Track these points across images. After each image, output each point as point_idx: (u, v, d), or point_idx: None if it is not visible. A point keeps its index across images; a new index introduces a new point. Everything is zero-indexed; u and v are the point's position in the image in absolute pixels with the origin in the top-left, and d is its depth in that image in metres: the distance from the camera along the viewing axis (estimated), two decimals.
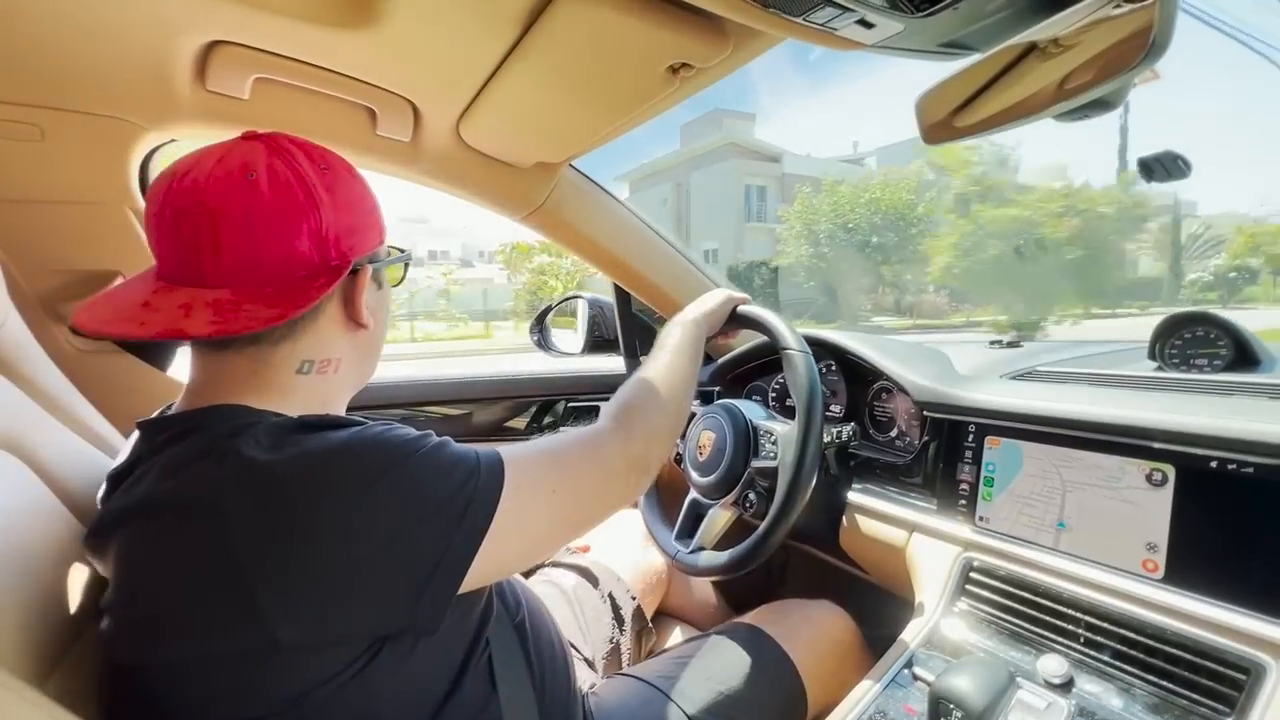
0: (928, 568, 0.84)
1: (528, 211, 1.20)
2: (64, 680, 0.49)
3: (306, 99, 0.91)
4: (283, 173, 0.50)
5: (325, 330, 0.55)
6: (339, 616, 0.44)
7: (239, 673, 0.43)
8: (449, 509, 0.47)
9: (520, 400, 1.40)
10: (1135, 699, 0.60)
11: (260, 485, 0.43)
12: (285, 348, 0.53)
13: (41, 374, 0.67)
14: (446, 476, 0.48)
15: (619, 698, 0.77)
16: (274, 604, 0.41)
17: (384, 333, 0.64)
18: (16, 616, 0.48)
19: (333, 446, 0.46)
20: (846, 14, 0.53)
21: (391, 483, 0.45)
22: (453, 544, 0.46)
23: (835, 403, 1.12)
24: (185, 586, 0.43)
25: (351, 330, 0.58)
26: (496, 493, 0.49)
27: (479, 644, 0.56)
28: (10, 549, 0.50)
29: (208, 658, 0.43)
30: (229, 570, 0.41)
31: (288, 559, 0.42)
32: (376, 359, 0.65)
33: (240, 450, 0.44)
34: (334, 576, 0.43)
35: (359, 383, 0.63)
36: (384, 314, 0.63)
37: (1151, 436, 0.66)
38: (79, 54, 0.79)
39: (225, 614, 0.42)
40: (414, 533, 0.45)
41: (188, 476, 0.45)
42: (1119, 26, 0.53)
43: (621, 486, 0.63)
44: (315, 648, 0.44)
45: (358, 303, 0.56)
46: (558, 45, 0.72)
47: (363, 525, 0.44)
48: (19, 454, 0.56)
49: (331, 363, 0.56)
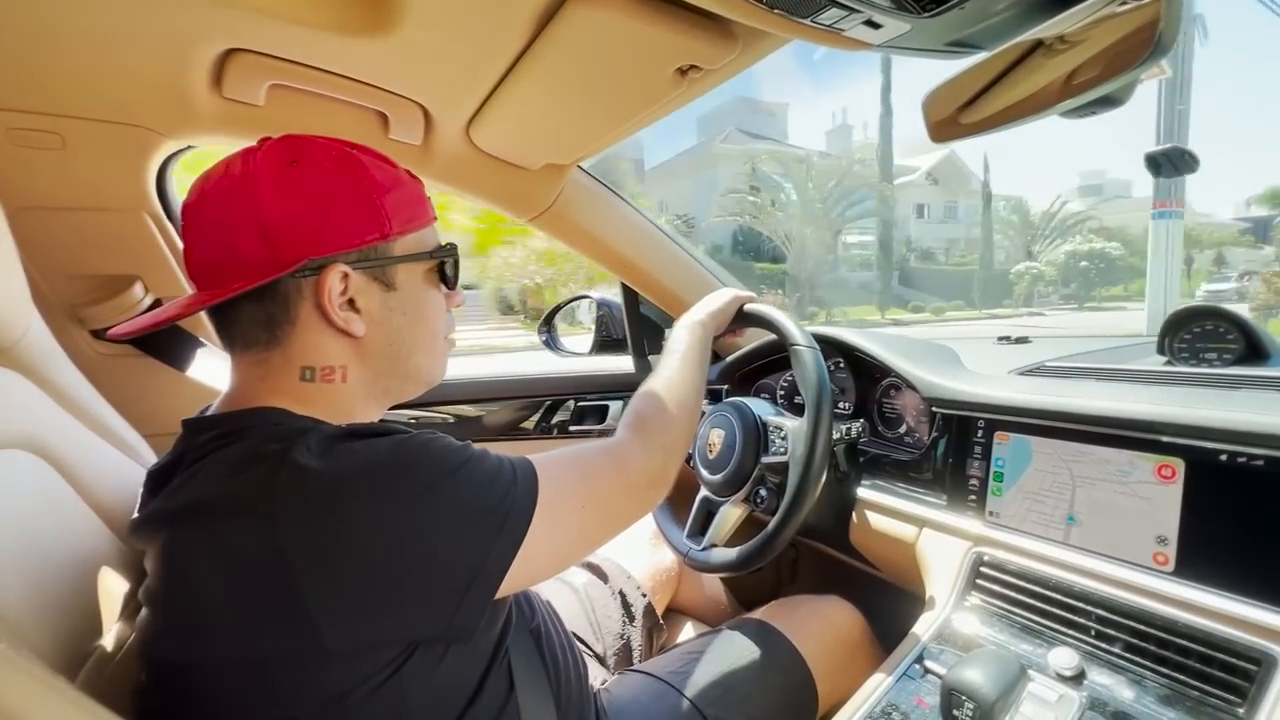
0: (938, 563, 0.85)
1: (537, 213, 1.21)
2: (92, 675, 0.51)
3: (320, 104, 0.92)
4: (237, 171, 0.51)
5: (311, 336, 0.53)
6: (383, 623, 0.45)
7: (281, 674, 0.44)
8: (490, 520, 0.48)
9: (530, 400, 1.41)
10: (1147, 691, 0.61)
11: (312, 492, 0.44)
12: (278, 354, 0.53)
13: (65, 378, 0.69)
14: (488, 488, 0.49)
15: (631, 694, 0.78)
16: (323, 610, 0.42)
17: (411, 341, 0.59)
18: (46, 614, 0.49)
19: (381, 456, 0.46)
20: (853, 15, 0.53)
21: (439, 494, 0.47)
22: (491, 554, 0.48)
23: (844, 400, 1.13)
24: (235, 588, 0.43)
25: (343, 336, 0.54)
26: (532, 505, 0.50)
27: (501, 648, 0.57)
28: (38, 549, 0.51)
29: (253, 659, 0.44)
30: (280, 575, 0.42)
31: (337, 566, 0.43)
32: (409, 369, 0.60)
33: (294, 457, 0.44)
34: (381, 584, 0.44)
35: (390, 394, 0.60)
36: (403, 319, 0.57)
37: (1161, 430, 0.66)
38: (99, 64, 0.81)
39: (274, 618, 0.43)
40: (457, 543, 0.46)
41: (242, 479, 0.45)
42: (1125, 22, 0.53)
43: (642, 500, 0.65)
44: (357, 653, 0.45)
45: (325, 304, 0.52)
46: (567, 49, 0.73)
47: (410, 534, 0.45)
48: (44, 456, 0.58)
49: (335, 371, 0.55)
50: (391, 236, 0.55)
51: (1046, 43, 0.60)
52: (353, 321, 0.54)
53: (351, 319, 0.54)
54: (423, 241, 0.59)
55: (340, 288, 0.53)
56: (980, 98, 0.68)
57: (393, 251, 0.56)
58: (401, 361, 0.59)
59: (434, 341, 0.62)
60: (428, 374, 0.62)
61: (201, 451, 0.49)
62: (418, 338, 0.59)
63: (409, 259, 0.57)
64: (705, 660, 0.82)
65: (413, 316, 0.58)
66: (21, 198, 0.88)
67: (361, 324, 0.55)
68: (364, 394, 0.58)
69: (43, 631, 0.48)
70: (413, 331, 0.59)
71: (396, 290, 0.57)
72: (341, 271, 0.52)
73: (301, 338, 0.53)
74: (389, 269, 0.56)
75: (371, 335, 0.56)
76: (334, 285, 0.52)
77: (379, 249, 0.55)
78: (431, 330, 0.61)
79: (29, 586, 0.48)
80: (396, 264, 0.56)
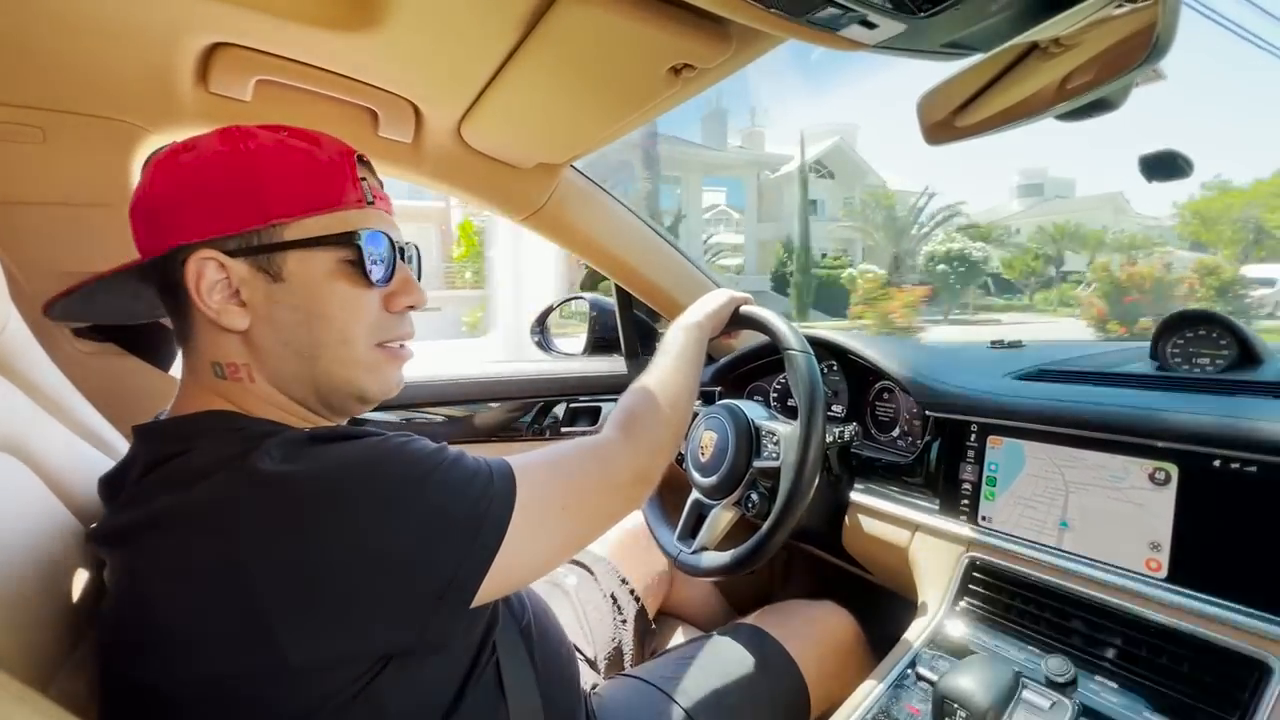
0: (930, 567, 0.84)
1: (529, 212, 1.20)
2: (66, 684, 0.49)
3: (308, 101, 0.91)
4: (152, 160, 0.52)
5: (205, 331, 0.51)
6: (350, 637, 0.43)
7: (244, 692, 0.42)
8: (464, 527, 0.46)
9: (522, 401, 1.40)
10: (1139, 699, 0.60)
11: (275, 501, 0.42)
12: (191, 350, 0.53)
13: (44, 376, 0.67)
14: (463, 492, 0.47)
15: (621, 698, 0.77)
16: (286, 625, 0.40)
17: (311, 342, 0.52)
18: (19, 619, 0.48)
19: (350, 461, 0.44)
20: (849, 14, 0.53)
21: (410, 501, 0.44)
22: (465, 562, 0.46)
23: (837, 403, 1.12)
24: (195, 605, 0.41)
25: (231, 331, 0.50)
26: (509, 511, 0.48)
27: (485, 651, 0.56)
28: (12, 552, 0.49)
29: (214, 677, 0.42)
30: (241, 589, 0.40)
31: (302, 579, 0.41)
32: (319, 377, 0.53)
33: (255, 463, 0.42)
34: (349, 597, 0.42)
35: (310, 402, 0.54)
36: (294, 315, 0.51)
37: (1155, 436, 0.66)
38: (81, 56, 0.79)
39: (235, 634, 0.41)
40: (429, 552, 0.44)
41: (199, 489, 0.43)
42: (1121, 26, 0.53)
43: (626, 499, 0.63)
44: (323, 667, 0.43)
45: (194, 296, 0.48)
46: (560, 47, 0.72)
47: (379, 545, 0.43)
48: (21, 456, 0.56)
49: (239, 369, 0.51)
50: (275, 220, 0.49)
51: (1043, 45, 0.60)
52: (227, 314, 0.49)
53: (227, 311, 0.49)
54: (329, 227, 0.51)
55: (218, 277, 0.48)
56: (976, 100, 0.68)
57: (281, 237, 0.50)
58: (304, 365, 0.52)
59: (345, 346, 0.53)
60: (349, 385, 0.54)
61: (151, 460, 0.47)
62: (319, 338, 0.52)
63: (299, 245, 0.50)
64: (697, 665, 0.82)
65: (308, 313, 0.51)
66: (1, 192, 0.86)
67: (243, 317, 0.50)
68: (280, 397, 0.53)
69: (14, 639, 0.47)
70: (310, 330, 0.51)
71: (285, 281, 0.50)
72: (212, 259, 0.48)
73: (198, 333, 0.51)
74: (275, 257, 0.50)
75: (258, 331, 0.50)
76: (207, 274, 0.48)
77: (262, 234, 0.49)
78: (340, 332, 0.52)
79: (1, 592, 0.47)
80: (284, 250, 0.50)
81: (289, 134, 0.52)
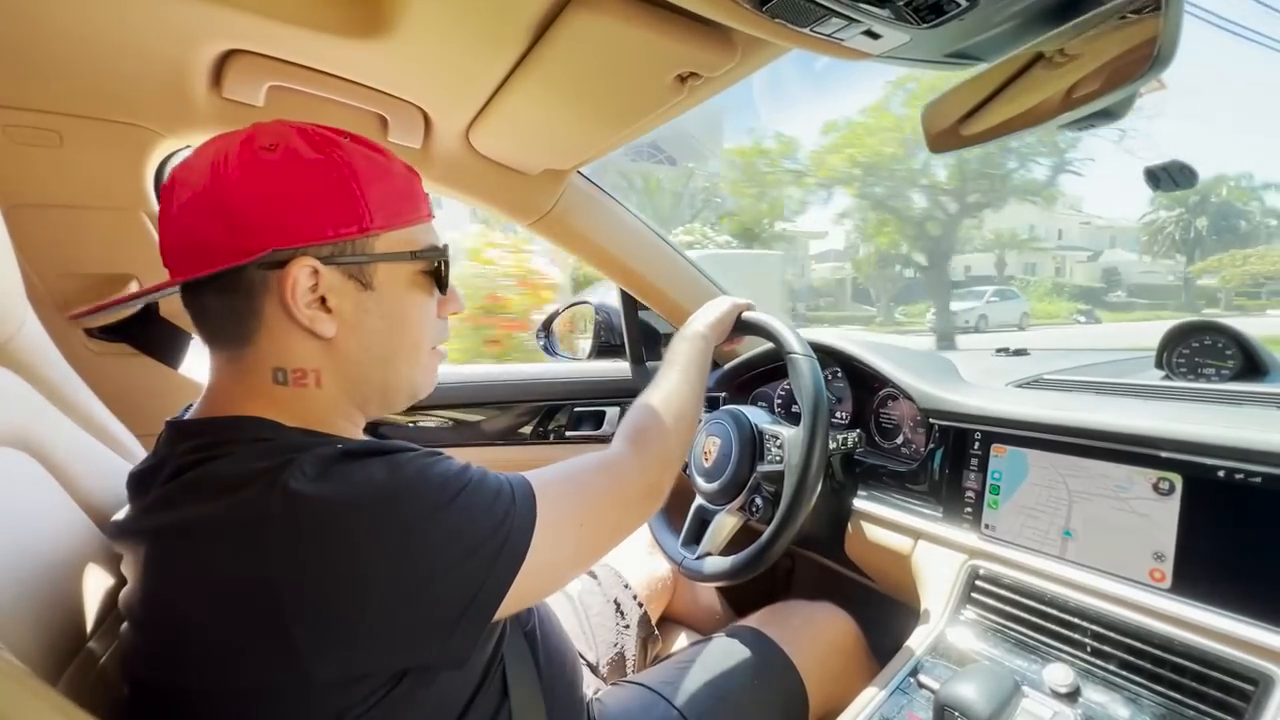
0: (933, 575, 0.84)
1: (536, 218, 1.21)
2: (76, 678, 0.50)
3: (319, 106, 0.92)
4: (211, 155, 0.47)
5: (280, 335, 0.50)
6: (372, 654, 0.43)
7: (262, 705, 0.43)
8: (488, 547, 0.46)
9: (528, 405, 1.41)
10: (1142, 709, 0.60)
11: (305, 521, 0.42)
12: (249, 353, 0.50)
13: (58, 376, 0.68)
14: (487, 514, 0.47)
15: (623, 705, 0.77)
16: (310, 641, 0.41)
17: (390, 348, 0.54)
18: (32, 614, 0.48)
19: (379, 482, 0.44)
20: (853, 25, 0.53)
21: (436, 523, 0.45)
22: (488, 581, 0.46)
23: (841, 409, 1.12)
24: (219, 616, 0.41)
25: (313, 337, 0.50)
26: (530, 531, 0.49)
27: (496, 660, 0.56)
28: (26, 548, 0.50)
29: (234, 688, 0.42)
30: (267, 604, 0.40)
31: (329, 597, 0.41)
32: (388, 379, 0.55)
33: (287, 482, 0.42)
34: (373, 615, 0.42)
35: (370, 404, 0.56)
36: (380, 323, 0.53)
37: (1159, 446, 0.66)
38: (98, 62, 0.81)
39: (258, 647, 0.41)
40: (454, 572, 0.45)
41: (230, 503, 0.42)
42: (1125, 37, 0.54)
43: (637, 514, 0.64)
44: (344, 684, 0.43)
45: (288, 300, 0.48)
46: (567, 55, 0.73)
47: (405, 565, 0.43)
48: (36, 455, 0.57)
49: (308, 374, 0.51)
50: (372, 231, 0.50)
51: (1047, 55, 0.61)
52: (319, 321, 0.49)
53: (319, 318, 0.49)
54: (412, 240, 0.54)
55: (309, 283, 0.48)
56: (980, 110, 0.68)
57: (373, 248, 0.51)
58: (380, 370, 0.54)
59: (416, 351, 0.57)
60: (410, 386, 0.57)
61: (184, 462, 0.47)
62: (398, 345, 0.55)
63: (391, 257, 0.52)
64: (698, 669, 0.82)
65: (392, 321, 0.53)
66: (17, 195, 0.87)
67: (331, 324, 0.50)
68: (342, 402, 0.54)
69: (27, 633, 0.47)
70: (391, 337, 0.54)
71: (374, 290, 0.52)
72: (310, 266, 0.48)
73: (270, 336, 0.50)
74: (367, 267, 0.51)
75: (344, 338, 0.51)
76: (301, 280, 0.48)
77: (356, 244, 0.50)
78: (414, 338, 0.56)
79: (14, 586, 0.47)
80: (376, 262, 0.51)
81: (351, 139, 0.52)
